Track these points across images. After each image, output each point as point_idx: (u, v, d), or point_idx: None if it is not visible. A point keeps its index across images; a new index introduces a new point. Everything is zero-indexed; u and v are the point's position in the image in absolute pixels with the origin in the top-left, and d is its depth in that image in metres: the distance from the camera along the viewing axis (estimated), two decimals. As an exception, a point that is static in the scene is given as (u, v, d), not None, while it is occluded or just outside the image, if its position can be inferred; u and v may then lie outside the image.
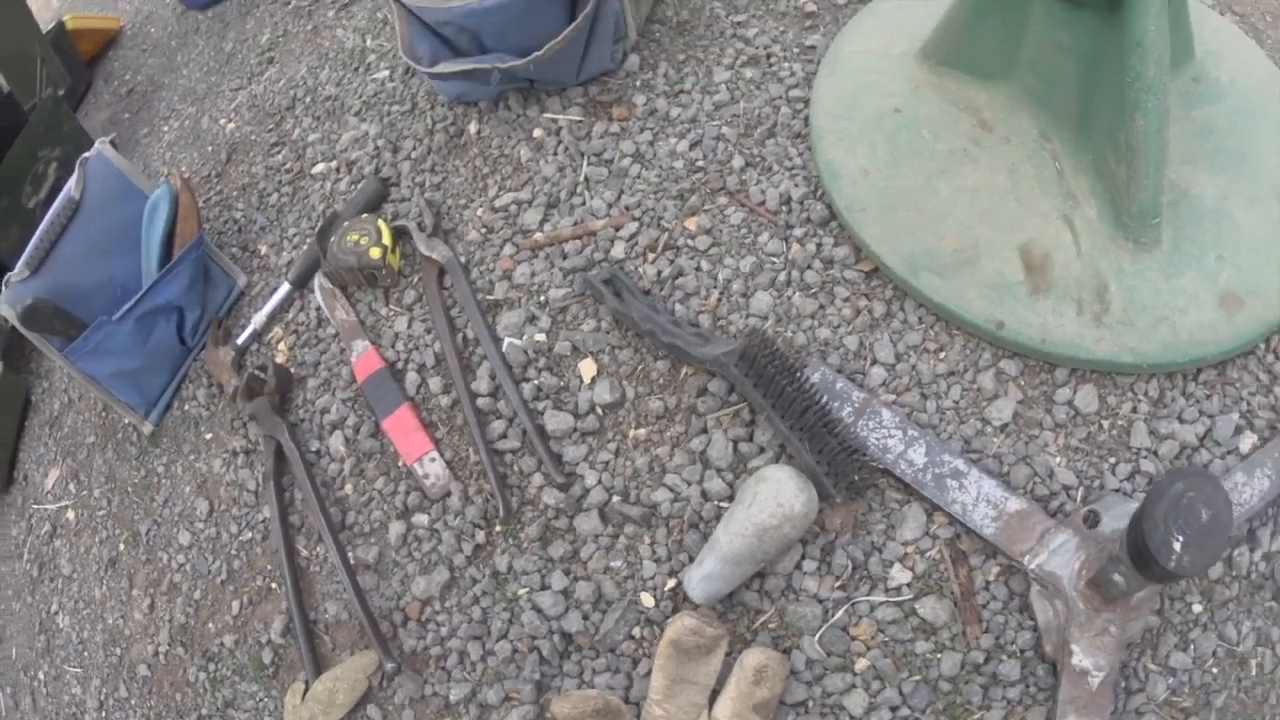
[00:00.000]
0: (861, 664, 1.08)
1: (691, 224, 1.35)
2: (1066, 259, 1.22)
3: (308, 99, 1.92)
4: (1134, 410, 1.17)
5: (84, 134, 2.02)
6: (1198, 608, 1.09)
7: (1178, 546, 0.85)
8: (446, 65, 1.54)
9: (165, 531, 1.45)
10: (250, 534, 1.37)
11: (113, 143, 1.58)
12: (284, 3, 2.33)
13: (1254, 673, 1.08)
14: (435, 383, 1.35)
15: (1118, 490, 1.11)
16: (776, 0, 1.66)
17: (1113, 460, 1.14)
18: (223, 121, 2.03)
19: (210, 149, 1.96)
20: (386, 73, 1.83)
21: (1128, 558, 0.90)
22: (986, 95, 1.38)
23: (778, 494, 1.03)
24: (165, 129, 2.15)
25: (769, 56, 1.55)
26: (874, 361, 1.21)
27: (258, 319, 1.56)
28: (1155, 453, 1.14)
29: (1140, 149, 1.17)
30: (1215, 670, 1.08)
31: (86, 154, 1.52)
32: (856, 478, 1.08)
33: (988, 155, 1.32)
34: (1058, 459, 1.14)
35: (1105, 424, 1.16)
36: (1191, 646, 1.07)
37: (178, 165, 1.99)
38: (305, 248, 1.60)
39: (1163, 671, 1.05)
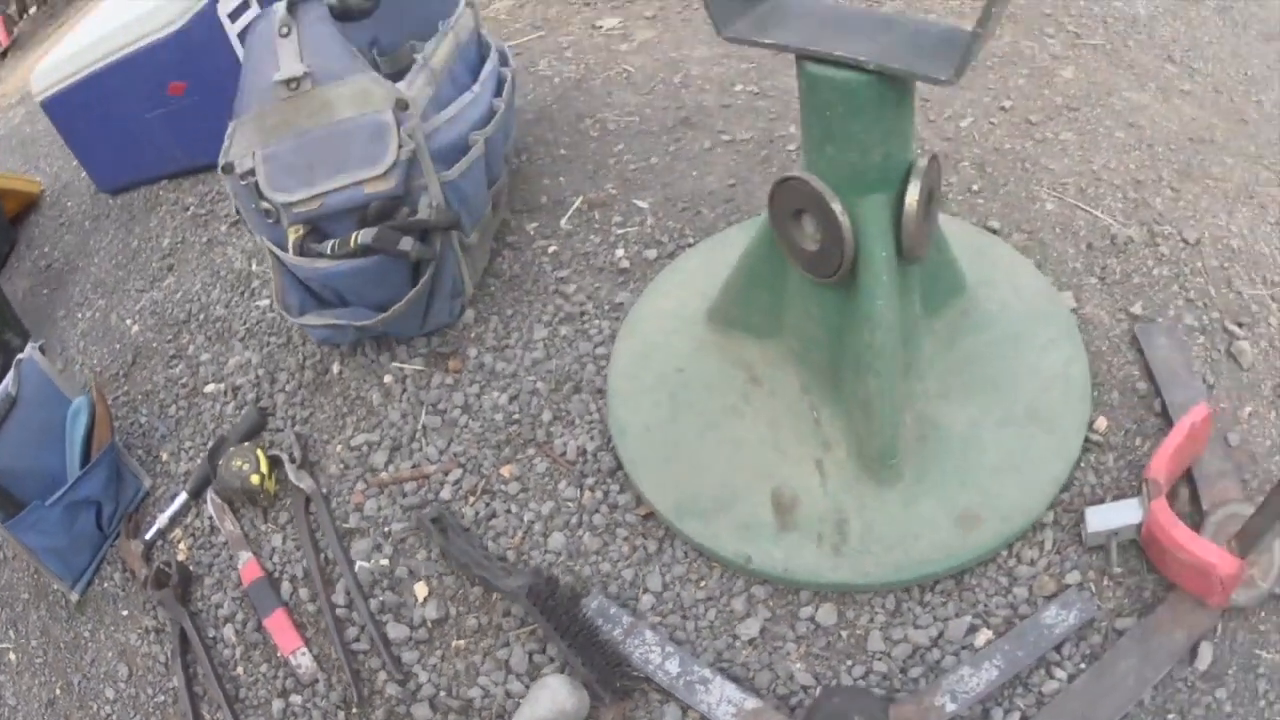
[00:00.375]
0: None
1: (506, 471, 1.75)
2: (813, 498, 1.53)
3: (201, 315, 2.28)
4: (871, 621, 1.45)
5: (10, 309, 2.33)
6: None
7: None
8: (312, 317, 1.91)
9: (94, 685, 1.72)
10: (163, 697, 1.65)
11: (41, 348, 1.91)
12: (183, 208, 2.70)
13: None
14: (304, 592, 1.69)
15: (854, 681, 1.43)
16: (595, 257, 2.08)
17: (849, 663, 1.41)
18: (129, 322, 2.37)
19: (118, 348, 2.29)
20: (268, 302, 2.19)
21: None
22: (759, 352, 1.75)
23: (553, 696, 1.41)
24: (79, 316, 2.47)
25: (582, 314, 1.96)
26: (645, 590, 1.57)
27: (161, 520, 1.87)
28: (889, 654, 1.41)
29: (874, 405, 1.47)
30: None
31: (20, 355, 1.85)
32: (619, 684, 1.45)
33: (754, 409, 1.70)
34: (798, 664, 1.40)
35: (844, 634, 1.44)
36: None
37: (90, 360, 2.29)
38: (200, 461, 1.93)
39: None
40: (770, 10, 1.40)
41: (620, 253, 2.08)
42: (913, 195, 1.38)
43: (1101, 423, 1.71)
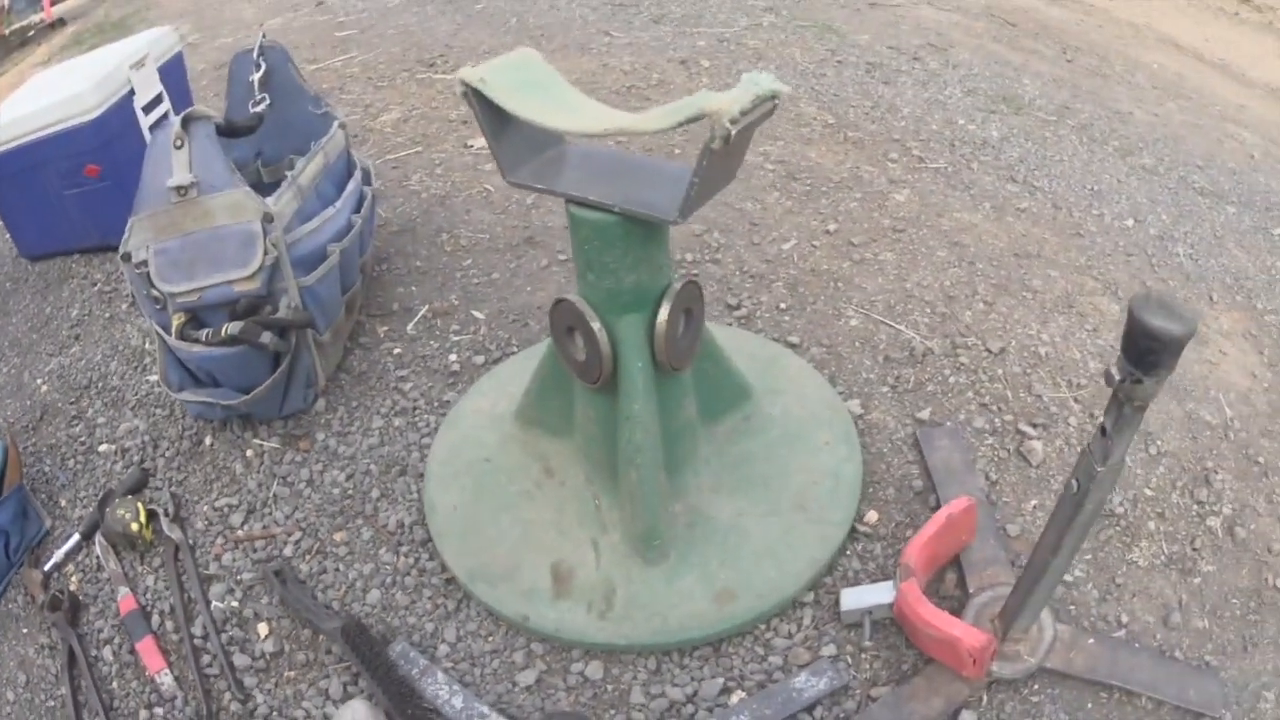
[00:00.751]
0: None
1: (338, 536, 2.15)
2: (587, 572, 1.88)
3: (100, 384, 2.68)
4: (634, 678, 1.76)
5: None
6: None
7: None
8: (189, 394, 2.32)
9: None
10: (53, 703, 1.90)
11: None
12: (92, 283, 3.12)
13: None
14: (169, 624, 2.04)
15: None
16: (430, 359, 2.52)
17: (612, 712, 1.71)
18: (39, 381, 2.76)
19: (29, 403, 2.68)
20: (155, 379, 2.60)
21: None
22: (554, 448, 2.18)
23: (354, 715, 1.78)
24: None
25: (414, 409, 2.39)
26: (443, 640, 1.95)
27: (58, 555, 2.23)
28: (648, 707, 1.70)
29: (636, 494, 1.82)
30: None
31: None
32: (412, 712, 1.80)
33: (545, 495, 2.12)
34: (566, 709, 1.71)
35: (609, 687, 1.74)
36: None
37: (5, 410, 2.68)
38: (91, 509, 2.30)
39: None
40: (551, 160, 1.83)
41: (453, 357, 2.50)
42: (663, 316, 1.80)
43: (872, 516, 2.09)
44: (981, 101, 3.93)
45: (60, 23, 6.59)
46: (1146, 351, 1.27)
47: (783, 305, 2.66)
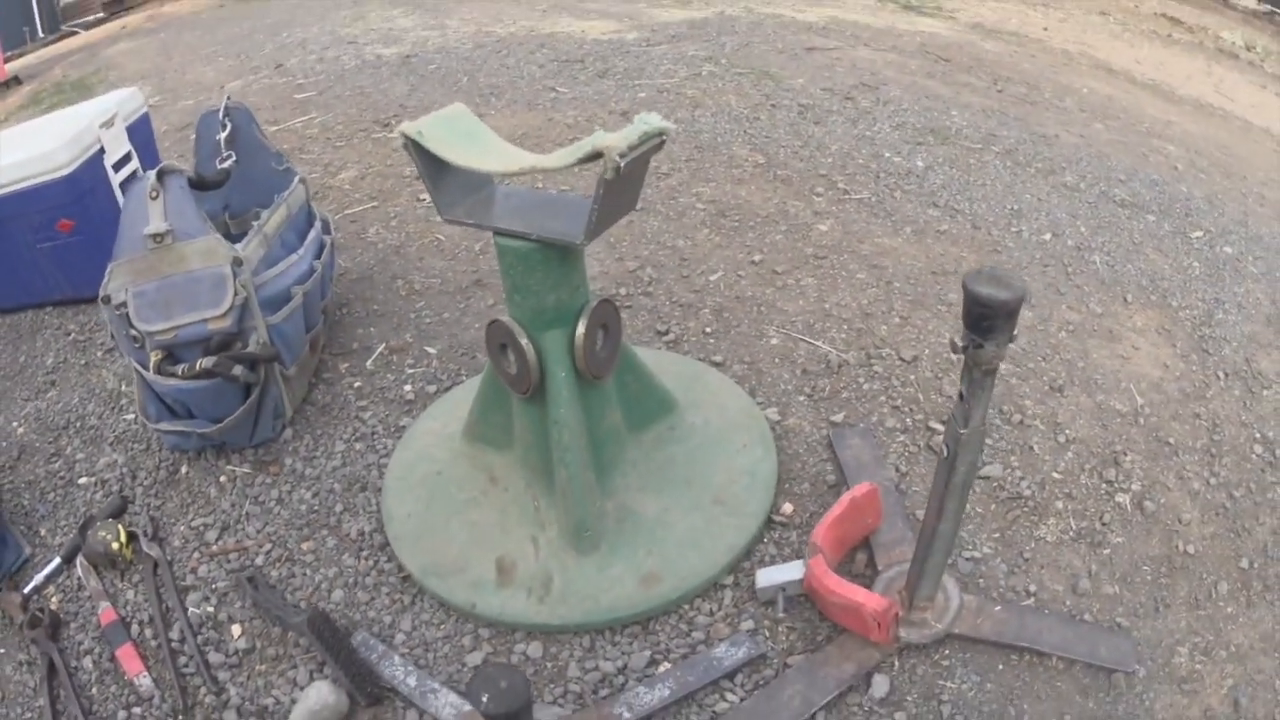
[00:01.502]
0: None
1: (305, 546, 2.48)
2: (528, 564, 2.17)
3: (78, 424, 2.99)
4: (570, 655, 2.02)
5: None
6: None
7: (485, 700, 1.47)
8: (165, 424, 2.65)
9: None
10: (30, 714, 2.09)
11: None
12: (65, 333, 3.44)
13: None
14: (148, 632, 2.31)
15: (552, 703, 1.97)
16: (387, 390, 2.88)
17: (551, 685, 1.97)
18: (15, 424, 3.05)
19: (5, 444, 2.96)
20: (132, 416, 2.94)
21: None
22: (499, 460, 2.51)
23: (319, 693, 2.05)
24: (-34, 420, 3.12)
25: (373, 434, 2.73)
26: (399, 630, 2.25)
27: (38, 579, 2.50)
28: (583, 679, 1.96)
29: (567, 490, 2.12)
30: None
31: None
32: (371, 690, 2.08)
33: (490, 500, 2.44)
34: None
35: (548, 664, 2.00)
36: None
37: None
38: (72, 536, 2.59)
39: None
40: (481, 200, 2.19)
41: (408, 388, 2.83)
42: (581, 330, 2.14)
43: (788, 508, 2.42)
44: (909, 134, 4.33)
45: (15, 81, 6.90)
46: (981, 318, 1.54)
47: (708, 329, 3.03)
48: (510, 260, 2.08)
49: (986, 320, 1.53)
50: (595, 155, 1.86)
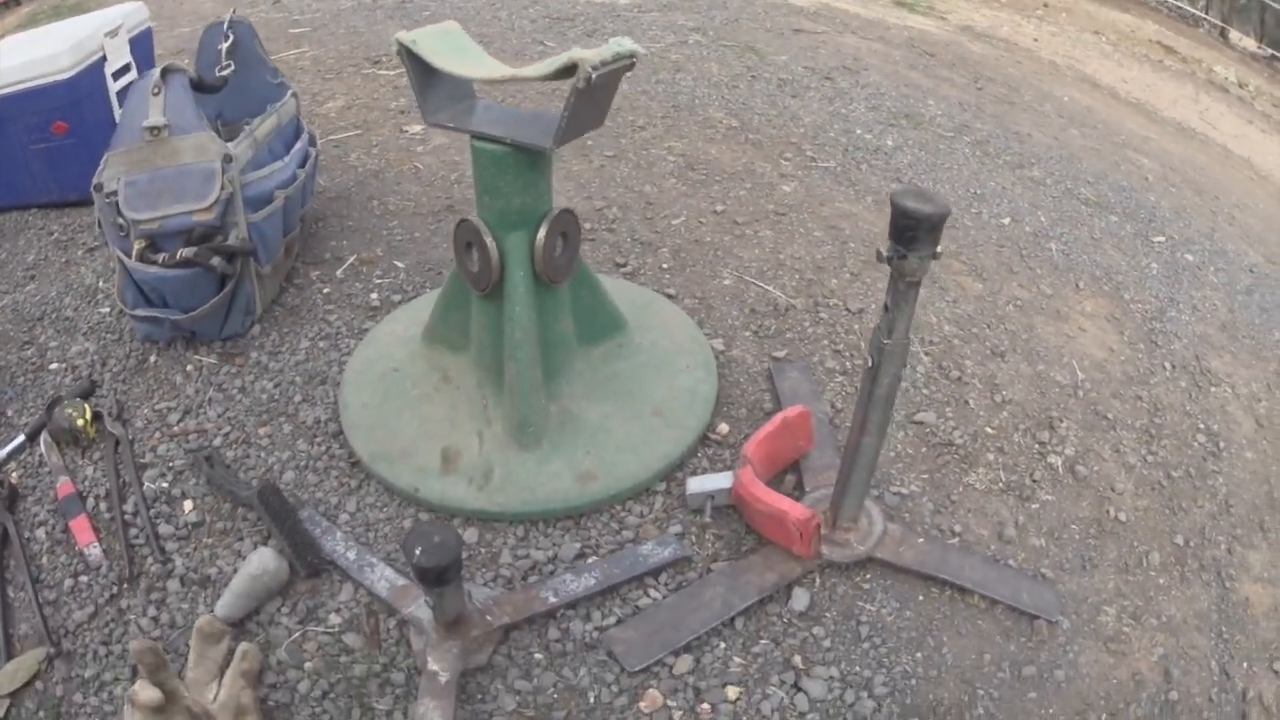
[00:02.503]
0: (308, 665, 1.94)
1: (262, 430, 2.64)
2: (471, 455, 2.30)
3: (53, 315, 3.15)
4: (504, 543, 2.15)
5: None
6: (539, 655, 1.95)
7: (418, 552, 1.67)
8: (140, 310, 2.84)
9: None
10: None
11: None
12: (48, 232, 3.60)
13: (591, 700, 1.87)
14: (103, 505, 2.47)
15: (484, 584, 2.20)
16: (355, 297, 3.05)
17: (484, 570, 2.09)
18: (-11, 318, 3.18)
19: None
20: (108, 309, 3.10)
21: (417, 581, 1.83)
22: (453, 361, 2.67)
23: (261, 558, 2.20)
24: (-55, 311, 3.27)
25: (337, 334, 2.91)
26: (344, 510, 2.41)
27: (0, 455, 2.69)
28: (514, 565, 2.10)
29: (515, 385, 2.25)
30: (556, 696, 1.88)
31: None
32: (312, 560, 2.24)
33: (441, 397, 2.60)
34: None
35: (483, 550, 2.13)
36: (535, 680, 1.91)
37: None
38: (37, 418, 2.76)
39: (510, 692, 1.88)
40: (463, 109, 2.37)
41: (374, 296, 2.97)
42: (542, 233, 2.33)
43: (724, 428, 2.60)
44: (883, 116, 4.54)
45: (15, 1, 7.05)
46: (905, 229, 1.69)
47: (665, 266, 3.23)
48: (484, 162, 2.27)
49: (910, 231, 1.68)
50: (570, 67, 2.05)
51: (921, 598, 2.08)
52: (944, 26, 6.50)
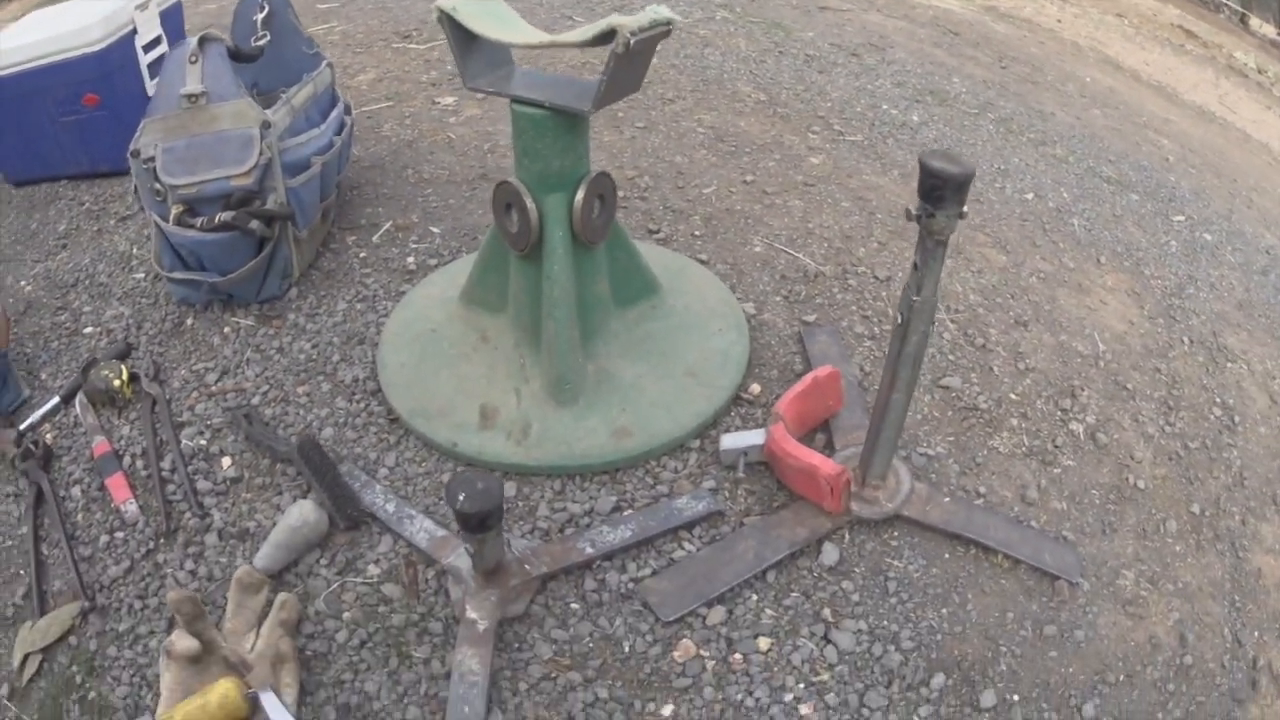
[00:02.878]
0: (346, 615, 1.98)
1: (300, 389, 2.72)
2: (509, 411, 2.36)
3: (87, 281, 3.21)
4: (541, 496, 2.19)
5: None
6: (575, 605, 1.98)
7: (461, 498, 1.71)
8: (178, 273, 2.91)
9: None
10: (10, 543, 2.22)
11: None
12: (80, 203, 3.66)
13: (626, 650, 1.92)
14: (140, 463, 2.53)
15: (522, 536, 2.30)
16: (391, 261, 3.12)
17: (521, 523, 2.15)
18: (24, 284, 3.27)
19: (11, 301, 3.18)
20: (142, 275, 3.17)
21: (459, 528, 1.83)
22: (491, 321, 2.74)
23: (301, 511, 2.26)
24: (-23, 279, 3.34)
25: (374, 296, 2.97)
26: (383, 465, 2.47)
27: (34, 417, 2.71)
28: (551, 519, 2.14)
29: (553, 343, 2.30)
30: (591, 645, 1.92)
31: None
32: (351, 513, 2.31)
33: (480, 356, 2.67)
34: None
35: (520, 504, 2.17)
36: (571, 629, 1.95)
37: None
38: (72, 379, 2.83)
39: (546, 640, 1.93)
40: (502, 75, 2.43)
41: (411, 260, 3.02)
42: (580, 195, 2.39)
43: (755, 388, 2.66)
44: (909, 93, 4.60)
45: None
46: (933, 189, 1.76)
47: (697, 233, 3.29)
48: (523, 125, 2.32)
49: (938, 191, 1.74)
50: (609, 33, 2.10)
51: (947, 555, 2.12)
52: (968, 6, 6.54)
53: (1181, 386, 2.87)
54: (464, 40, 2.36)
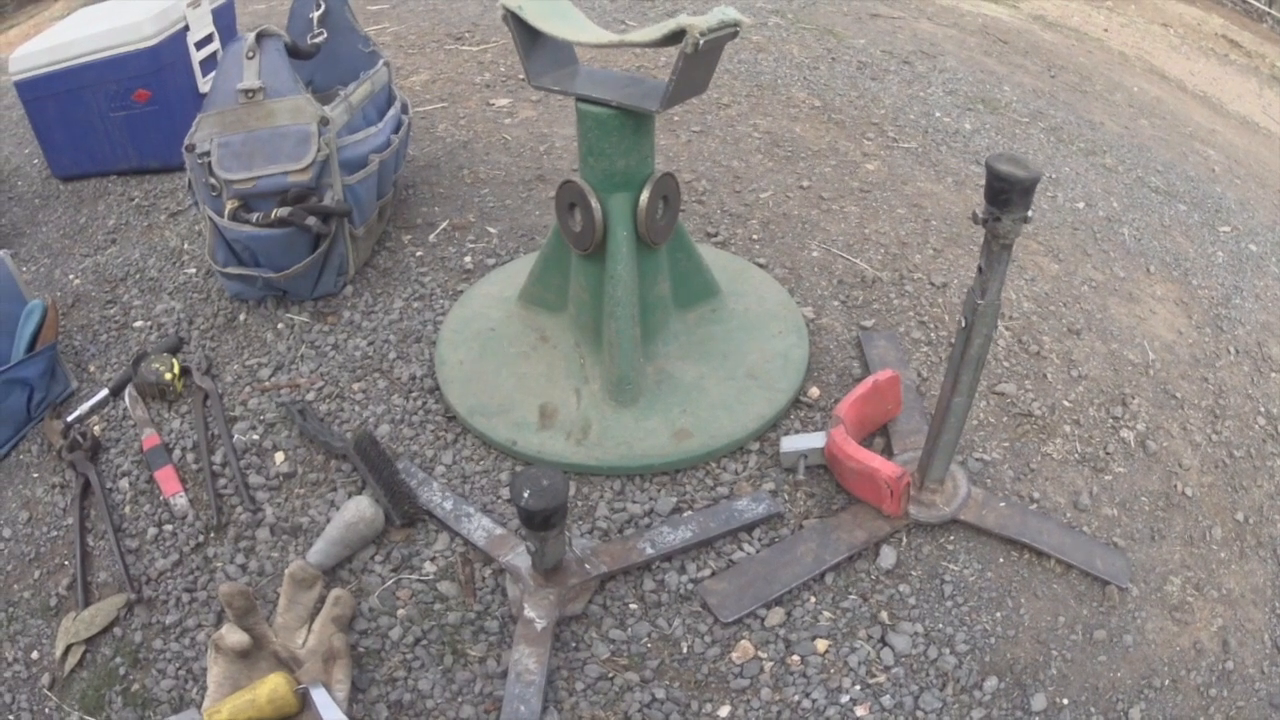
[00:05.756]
0: (401, 613, 2.00)
1: (356, 386, 2.73)
2: (569, 411, 2.38)
3: (137, 275, 3.24)
4: (600, 496, 2.20)
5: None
6: (634, 605, 1.99)
7: (526, 495, 1.71)
8: (233, 268, 2.93)
9: None
10: (56, 534, 2.22)
11: (11, 255, 2.84)
12: (129, 198, 3.69)
13: (684, 650, 1.94)
14: (190, 456, 2.54)
15: (580, 536, 2.16)
16: (448, 260, 3.14)
17: (580, 523, 2.15)
18: (71, 277, 3.29)
19: (59, 294, 3.21)
20: (194, 270, 3.20)
21: (521, 524, 1.83)
22: (551, 321, 2.77)
23: (357, 506, 2.27)
24: (24, 270, 3.36)
25: (431, 295, 2.98)
26: (440, 463, 2.49)
27: (83, 409, 2.72)
28: (610, 519, 2.15)
29: (614, 343, 2.31)
30: (650, 645, 1.93)
31: None
32: (408, 509, 2.31)
33: (539, 355, 2.69)
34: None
35: (580, 503, 2.18)
36: (629, 629, 1.96)
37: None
38: (121, 372, 2.84)
39: (604, 640, 1.94)
40: (566, 73, 2.45)
41: (468, 259, 3.04)
42: (645, 195, 2.41)
43: (814, 391, 2.67)
44: (960, 100, 4.60)
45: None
46: (1000, 192, 1.79)
47: (755, 237, 3.31)
48: (589, 124, 2.34)
49: (1004, 194, 1.77)
50: (678, 33, 2.12)
51: (1001, 560, 2.13)
52: (1016, 15, 6.54)
53: (1227, 396, 2.88)
54: (529, 38, 2.38)
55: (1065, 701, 1.91)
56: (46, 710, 1.96)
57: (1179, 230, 3.77)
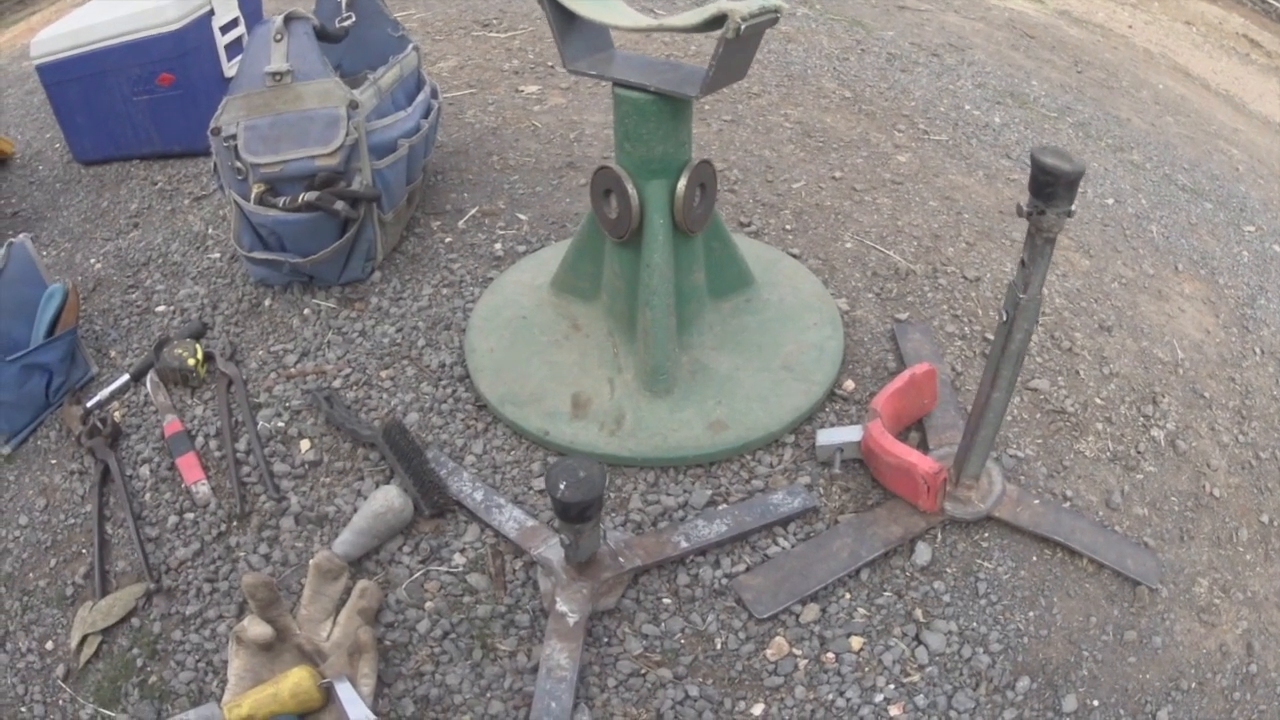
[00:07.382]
0: (429, 605, 1.95)
1: (384, 374, 2.68)
2: (602, 401, 2.33)
3: (160, 260, 3.19)
4: (634, 488, 2.16)
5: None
6: (668, 600, 1.97)
7: (562, 487, 1.67)
8: (258, 253, 2.87)
9: (7, 516, 2.23)
10: (73, 521, 2.18)
11: (32, 238, 2.79)
12: (152, 182, 3.65)
13: (718, 647, 1.91)
14: (213, 443, 2.49)
15: (614, 529, 2.10)
16: (478, 247, 3.09)
17: (614, 514, 2.10)
18: (93, 261, 3.25)
19: (81, 278, 3.16)
20: (218, 254, 3.15)
21: (556, 516, 1.79)
22: (583, 309, 2.71)
23: (386, 495, 2.22)
24: (44, 253, 3.33)
25: (461, 282, 2.93)
26: (471, 453, 2.44)
27: (103, 394, 2.66)
28: (644, 511, 2.10)
29: (650, 332, 2.26)
30: (683, 641, 1.90)
31: (12, 239, 2.64)
32: (437, 499, 2.25)
33: (571, 344, 2.64)
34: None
35: (613, 495, 2.14)
36: (663, 624, 1.93)
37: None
38: (143, 358, 2.78)
39: (637, 635, 1.91)
40: (602, 58, 2.40)
41: (498, 246, 2.99)
42: (682, 183, 2.35)
43: (850, 384, 2.62)
44: (989, 94, 4.55)
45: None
46: (1044, 185, 1.73)
47: (788, 227, 3.26)
48: (626, 109, 2.29)
49: (1049, 188, 1.72)
50: (718, 18, 2.07)
51: (1035, 558, 2.10)
52: (1042, 10, 6.48)
53: (1254, 396, 2.84)
54: (564, 21, 2.32)
55: (1095, 703, 1.88)
56: (60, 702, 1.92)
57: (1205, 229, 3.73)
